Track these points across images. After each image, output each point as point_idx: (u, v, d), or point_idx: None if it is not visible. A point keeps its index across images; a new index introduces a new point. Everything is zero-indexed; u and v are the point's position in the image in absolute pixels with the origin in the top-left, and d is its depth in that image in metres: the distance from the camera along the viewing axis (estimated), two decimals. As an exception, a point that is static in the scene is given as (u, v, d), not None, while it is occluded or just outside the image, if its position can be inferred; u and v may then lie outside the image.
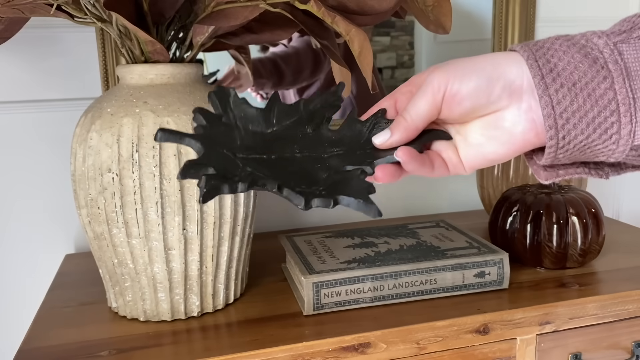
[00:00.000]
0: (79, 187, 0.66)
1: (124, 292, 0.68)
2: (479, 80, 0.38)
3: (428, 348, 0.67)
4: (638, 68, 0.36)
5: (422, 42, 1.14)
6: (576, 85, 0.36)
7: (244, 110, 0.41)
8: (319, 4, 0.59)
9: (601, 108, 0.36)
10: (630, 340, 0.77)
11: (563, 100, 0.36)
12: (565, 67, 0.36)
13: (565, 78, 0.36)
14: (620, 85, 0.36)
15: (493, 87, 0.38)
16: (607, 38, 0.37)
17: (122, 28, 0.65)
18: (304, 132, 0.41)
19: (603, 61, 0.36)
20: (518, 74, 0.38)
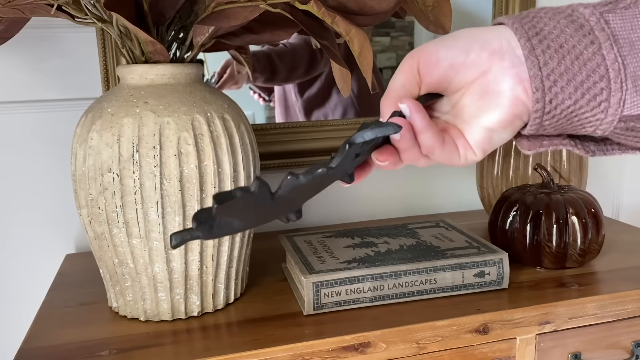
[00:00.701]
0: (79, 187, 0.66)
1: (125, 292, 0.69)
2: (455, 41, 0.38)
3: (428, 348, 0.67)
4: (626, 36, 0.35)
5: (422, 42, 1.14)
6: (563, 47, 0.36)
7: (238, 209, 0.35)
8: (319, 5, 0.59)
9: (589, 72, 0.35)
10: (630, 340, 0.77)
11: (550, 61, 0.36)
12: (551, 31, 0.36)
13: (552, 40, 0.36)
14: (608, 51, 0.35)
15: (470, 46, 0.38)
16: (592, 8, 0.36)
17: (122, 28, 0.65)
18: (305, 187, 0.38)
19: (589, 28, 0.36)
20: (497, 36, 0.37)
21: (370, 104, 1.08)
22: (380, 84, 1.11)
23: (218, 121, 0.65)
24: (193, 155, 0.63)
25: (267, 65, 1.03)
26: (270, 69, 1.03)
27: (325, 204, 1.08)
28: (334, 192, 1.08)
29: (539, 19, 0.37)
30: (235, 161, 0.66)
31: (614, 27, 0.36)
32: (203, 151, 0.64)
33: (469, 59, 0.38)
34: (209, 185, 0.64)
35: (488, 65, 0.37)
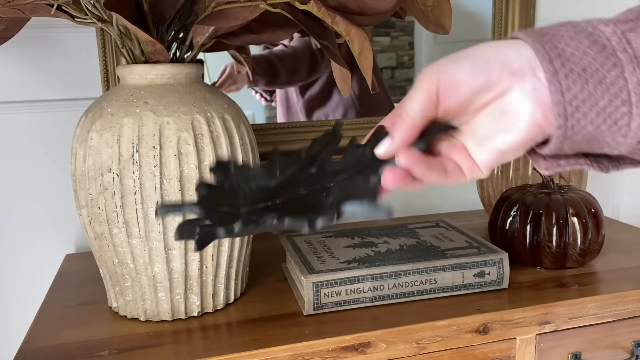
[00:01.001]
0: (79, 187, 0.66)
1: (125, 292, 0.69)
2: (474, 62, 0.36)
3: (428, 348, 0.67)
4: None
5: (422, 42, 1.14)
6: (586, 70, 0.34)
7: (246, 174, 0.40)
8: (319, 5, 0.59)
9: (612, 96, 0.34)
10: (630, 340, 0.77)
11: (573, 86, 0.34)
12: (573, 52, 0.34)
13: (575, 63, 0.34)
14: (630, 74, 0.34)
15: (491, 67, 0.36)
16: (614, 26, 0.35)
17: (122, 28, 0.65)
18: (309, 174, 0.41)
19: (612, 48, 0.34)
20: (517, 54, 0.36)
21: (371, 104, 1.09)
22: (382, 84, 1.11)
23: (218, 121, 0.65)
24: (193, 155, 0.63)
25: (267, 68, 1.03)
26: (270, 73, 1.03)
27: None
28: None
29: (559, 38, 0.35)
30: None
31: (636, 48, 0.35)
32: (203, 151, 0.64)
33: (490, 82, 0.36)
34: (209, 185, 0.64)
35: (508, 86, 0.36)
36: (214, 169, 0.39)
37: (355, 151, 0.41)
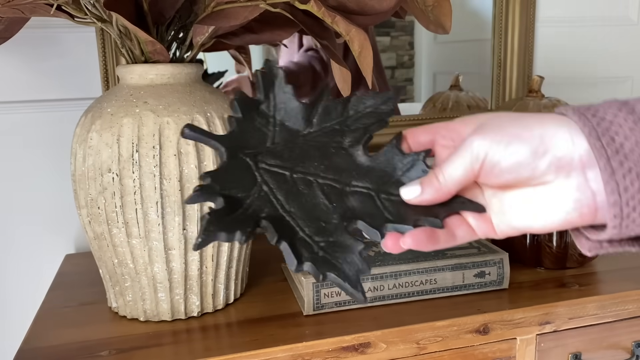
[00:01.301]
0: (79, 187, 0.66)
1: (124, 292, 0.68)
2: (523, 153, 0.34)
3: (428, 348, 0.67)
4: None
5: (422, 42, 1.14)
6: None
7: (287, 101, 0.39)
8: (319, 4, 0.59)
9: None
10: (630, 340, 0.77)
11: (631, 186, 0.32)
12: (633, 147, 0.32)
13: (634, 161, 0.32)
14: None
15: (538, 161, 0.34)
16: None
17: (122, 28, 0.65)
18: (339, 145, 0.39)
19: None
20: (568, 146, 0.34)
21: None
22: (386, 84, 1.11)
23: (218, 121, 0.65)
24: (193, 155, 0.63)
25: None
26: None
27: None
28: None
29: (617, 128, 0.33)
30: (235, 161, 0.66)
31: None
32: (203, 151, 0.64)
33: (534, 175, 0.34)
34: (209, 185, 0.64)
35: (552, 179, 0.34)
36: (262, 72, 0.38)
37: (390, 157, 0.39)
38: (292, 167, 0.37)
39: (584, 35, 1.16)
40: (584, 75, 1.18)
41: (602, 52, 1.18)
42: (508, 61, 1.10)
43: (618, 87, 1.20)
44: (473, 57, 1.15)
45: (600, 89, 1.19)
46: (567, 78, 1.16)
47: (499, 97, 1.11)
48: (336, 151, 0.38)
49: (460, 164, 0.36)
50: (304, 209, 0.35)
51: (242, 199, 0.34)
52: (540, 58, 1.13)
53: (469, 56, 1.16)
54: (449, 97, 1.13)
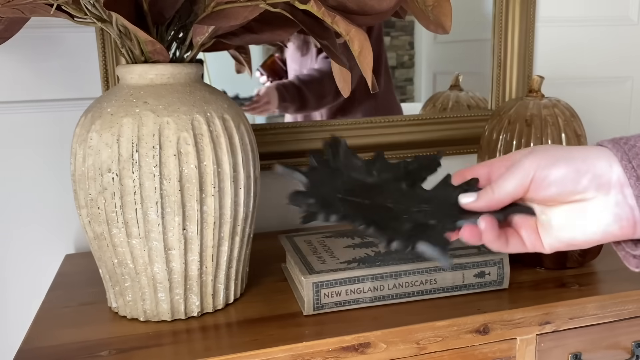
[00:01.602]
0: (79, 187, 0.66)
1: (124, 292, 0.68)
2: (567, 169, 0.40)
3: (428, 348, 0.67)
4: None
5: (422, 42, 1.14)
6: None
7: (351, 160, 0.48)
8: (319, 4, 0.59)
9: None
10: (630, 340, 0.77)
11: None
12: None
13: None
14: None
15: (581, 177, 0.40)
16: None
17: (122, 28, 0.65)
18: (399, 187, 0.46)
19: None
20: (606, 168, 0.39)
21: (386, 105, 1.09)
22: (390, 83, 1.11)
23: (218, 121, 0.65)
24: (193, 155, 0.63)
25: (296, 95, 1.05)
26: (299, 99, 1.05)
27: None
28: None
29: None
30: (235, 161, 0.66)
31: None
32: (203, 151, 0.64)
33: (577, 189, 0.40)
34: (209, 185, 0.64)
35: (593, 196, 0.40)
36: (329, 143, 0.48)
37: (445, 188, 0.46)
38: (364, 198, 0.44)
39: (584, 35, 1.16)
40: (584, 75, 1.18)
41: (602, 52, 1.18)
42: (508, 61, 1.10)
43: (618, 87, 1.20)
44: (473, 57, 1.15)
45: (600, 89, 1.19)
46: (567, 78, 1.16)
47: (499, 97, 1.11)
48: (397, 190, 0.46)
49: (512, 179, 0.42)
50: (379, 220, 0.43)
51: (328, 204, 0.43)
52: (541, 58, 1.13)
53: (469, 56, 1.16)
54: (449, 97, 1.13)
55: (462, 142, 1.10)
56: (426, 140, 1.08)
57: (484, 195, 0.43)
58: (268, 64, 1.08)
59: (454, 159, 1.12)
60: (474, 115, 1.10)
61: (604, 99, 1.20)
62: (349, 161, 0.48)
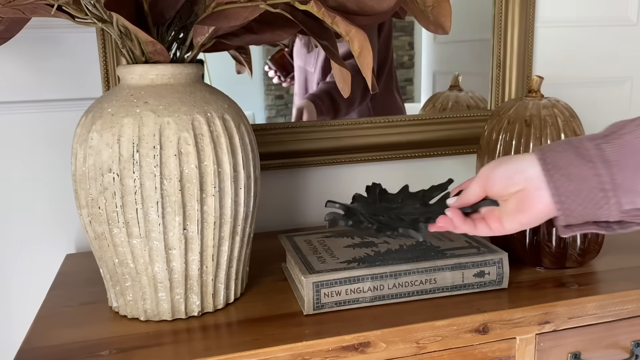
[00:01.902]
0: (79, 187, 0.66)
1: (125, 292, 0.69)
2: (504, 169, 0.57)
3: (428, 347, 0.67)
4: (613, 159, 0.52)
5: (421, 42, 1.14)
6: (571, 176, 0.53)
7: (384, 194, 0.72)
8: (319, 5, 0.59)
9: (591, 188, 0.52)
10: (630, 339, 0.77)
11: (561, 187, 0.53)
12: (564, 164, 0.53)
13: (563, 171, 0.53)
14: (602, 172, 0.52)
15: (513, 174, 0.56)
16: (593, 142, 0.53)
17: (122, 28, 0.65)
18: (415, 206, 0.69)
19: (589, 156, 0.53)
20: (531, 165, 0.55)
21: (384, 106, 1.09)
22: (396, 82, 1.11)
23: (218, 121, 0.65)
24: (193, 155, 0.63)
25: (330, 105, 1.06)
26: (333, 109, 1.06)
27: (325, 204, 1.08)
28: (333, 193, 1.08)
29: (556, 154, 0.54)
30: (235, 161, 0.67)
31: (607, 154, 0.52)
32: (203, 151, 0.64)
33: (512, 181, 0.56)
34: (209, 185, 0.64)
35: (524, 185, 0.55)
36: (368, 186, 0.74)
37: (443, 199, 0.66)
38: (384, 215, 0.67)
39: (583, 36, 1.16)
40: (583, 75, 1.18)
41: (601, 52, 1.18)
42: (507, 61, 1.10)
43: (617, 87, 1.21)
44: (473, 57, 1.15)
45: (599, 89, 1.19)
46: (566, 78, 1.16)
47: (498, 97, 1.11)
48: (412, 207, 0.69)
49: (473, 183, 0.60)
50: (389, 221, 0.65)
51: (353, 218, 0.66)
52: (540, 58, 1.13)
53: (469, 56, 1.16)
54: (448, 97, 1.13)
55: (461, 142, 1.10)
56: (426, 140, 1.08)
57: (459, 198, 0.62)
58: (277, 58, 1.08)
59: (454, 159, 1.12)
60: (473, 116, 1.11)
61: (603, 99, 1.20)
62: (382, 195, 0.72)
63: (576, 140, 0.54)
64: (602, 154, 0.52)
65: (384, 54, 1.09)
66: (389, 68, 1.11)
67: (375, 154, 1.07)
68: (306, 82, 1.08)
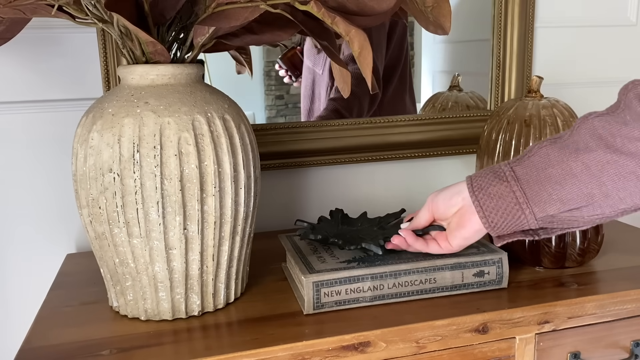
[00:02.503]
0: (80, 187, 0.66)
1: (125, 292, 0.69)
2: (445, 194, 0.70)
3: (427, 347, 0.67)
4: (523, 177, 0.63)
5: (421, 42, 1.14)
6: (491, 195, 0.65)
7: (345, 218, 0.85)
8: (319, 5, 0.60)
9: (508, 203, 0.64)
10: (629, 339, 0.77)
11: (485, 204, 0.65)
12: (485, 185, 0.65)
13: (485, 192, 0.65)
14: (515, 188, 0.63)
15: (452, 196, 0.69)
16: (509, 165, 0.65)
17: (123, 29, 0.65)
18: (372, 229, 0.81)
19: (505, 177, 0.64)
20: (464, 188, 0.67)
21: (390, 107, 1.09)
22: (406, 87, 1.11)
23: (218, 121, 0.65)
24: (193, 155, 0.63)
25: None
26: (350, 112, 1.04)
27: (325, 204, 1.08)
28: (333, 193, 1.08)
29: (480, 177, 0.66)
30: (236, 161, 0.67)
31: (518, 173, 0.64)
32: (203, 151, 0.64)
33: (452, 202, 0.69)
34: (210, 185, 0.64)
35: (462, 204, 0.68)
36: (332, 211, 0.86)
37: (397, 224, 0.79)
38: (346, 234, 0.79)
39: (583, 36, 1.16)
40: (583, 76, 1.18)
41: (601, 52, 1.18)
42: (507, 61, 1.10)
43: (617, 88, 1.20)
44: (472, 58, 1.15)
45: (599, 90, 1.19)
46: (566, 78, 1.16)
47: (498, 98, 1.11)
48: (370, 230, 0.81)
49: (423, 211, 0.73)
50: (351, 237, 0.78)
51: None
52: (540, 58, 1.14)
53: (469, 56, 1.16)
54: (448, 98, 1.13)
55: (461, 142, 1.10)
56: (426, 140, 1.08)
57: (411, 223, 0.74)
58: (289, 56, 1.06)
59: (454, 159, 1.12)
60: (473, 116, 1.11)
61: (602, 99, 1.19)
62: (344, 220, 0.84)
63: (496, 166, 0.66)
64: (514, 174, 0.64)
65: (396, 58, 1.08)
66: (402, 72, 1.09)
67: (375, 154, 1.07)
68: (313, 84, 1.07)
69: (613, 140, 0.60)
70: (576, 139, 0.62)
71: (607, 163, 0.60)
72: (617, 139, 0.59)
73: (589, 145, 0.61)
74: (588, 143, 0.61)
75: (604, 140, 0.60)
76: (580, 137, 0.62)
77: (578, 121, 0.64)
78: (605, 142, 0.60)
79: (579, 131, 0.62)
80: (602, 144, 0.60)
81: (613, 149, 0.59)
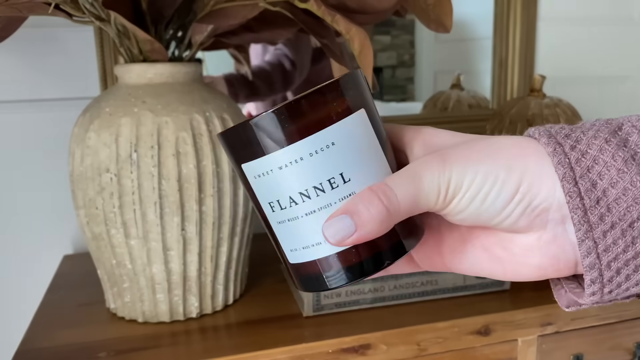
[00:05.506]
0: (77, 187, 0.65)
1: (123, 293, 0.68)
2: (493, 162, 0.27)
3: (429, 349, 0.67)
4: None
5: (422, 41, 1.13)
6: (633, 225, 0.25)
7: None
8: (319, 3, 0.59)
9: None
10: (632, 341, 0.76)
11: (613, 246, 0.25)
12: (619, 197, 0.25)
13: (618, 216, 0.25)
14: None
15: (511, 208, 0.27)
16: None
17: (120, 27, 0.64)
18: None
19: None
20: (548, 191, 0.26)
21: None
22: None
23: (217, 121, 0.65)
24: (192, 155, 0.62)
25: (244, 82, 1.07)
26: (248, 87, 1.07)
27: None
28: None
29: (602, 169, 0.26)
30: (235, 161, 0.66)
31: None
32: (202, 151, 0.63)
33: (503, 214, 0.27)
34: (208, 185, 0.64)
35: (525, 225, 0.27)
36: None
37: None
38: None
39: (585, 34, 1.15)
40: (585, 74, 1.17)
41: (603, 51, 1.17)
42: (509, 60, 1.09)
43: (620, 86, 1.20)
44: (474, 56, 1.15)
45: (602, 88, 1.18)
46: (568, 77, 1.16)
47: (500, 97, 1.10)
48: None
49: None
50: None
51: None
52: (542, 57, 1.13)
53: (470, 55, 1.15)
54: (450, 97, 1.12)
55: (462, 142, 1.10)
56: (427, 140, 1.08)
57: None
58: None
59: (455, 158, 1.11)
60: (475, 115, 1.10)
61: (605, 98, 1.19)
62: None
63: (629, 127, 0.36)
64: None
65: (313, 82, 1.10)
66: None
67: (375, 154, 1.06)
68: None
69: None
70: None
71: None
72: None
73: None
74: None
75: None
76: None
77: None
78: None
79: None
80: None
81: None
